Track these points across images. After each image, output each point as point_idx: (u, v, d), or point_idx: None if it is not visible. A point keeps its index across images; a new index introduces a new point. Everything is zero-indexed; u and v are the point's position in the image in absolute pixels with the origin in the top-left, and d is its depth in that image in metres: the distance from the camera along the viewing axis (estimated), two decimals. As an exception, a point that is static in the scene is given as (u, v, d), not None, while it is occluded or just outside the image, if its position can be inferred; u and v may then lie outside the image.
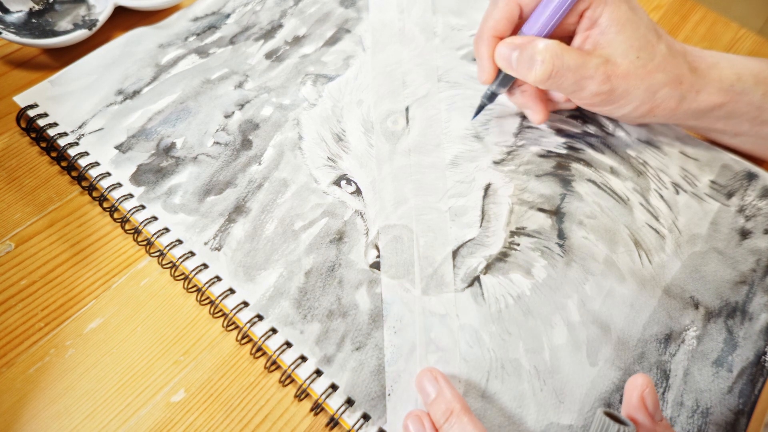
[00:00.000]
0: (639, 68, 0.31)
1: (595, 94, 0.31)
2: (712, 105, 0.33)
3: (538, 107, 0.34)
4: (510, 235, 0.32)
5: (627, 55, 0.30)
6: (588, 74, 0.30)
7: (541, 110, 0.34)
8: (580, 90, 0.31)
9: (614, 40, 0.30)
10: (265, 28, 0.40)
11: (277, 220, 0.32)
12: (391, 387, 0.27)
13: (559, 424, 0.27)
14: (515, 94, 0.34)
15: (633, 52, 0.31)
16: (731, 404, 0.28)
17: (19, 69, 0.37)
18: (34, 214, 0.32)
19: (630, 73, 0.31)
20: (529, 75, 0.30)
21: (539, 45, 0.30)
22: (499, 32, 0.32)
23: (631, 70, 0.31)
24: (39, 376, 0.27)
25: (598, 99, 0.31)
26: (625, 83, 0.31)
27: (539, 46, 0.30)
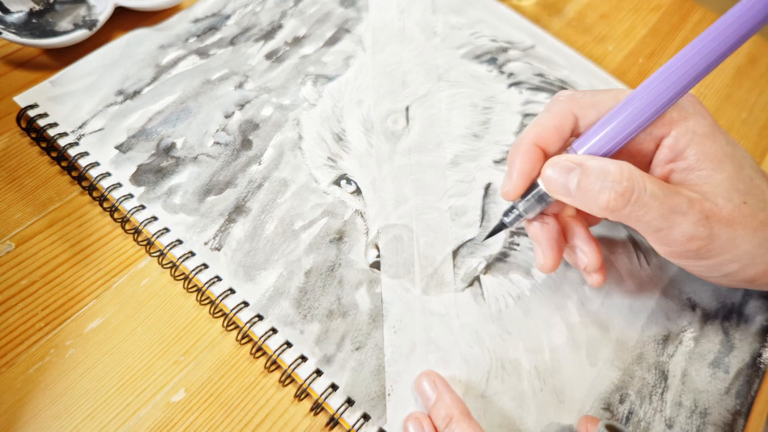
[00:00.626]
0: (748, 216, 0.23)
1: (690, 238, 0.23)
2: None
3: (551, 251, 0.26)
4: (510, 235, 0.32)
5: (731, 198, 0.23)
6: (679, 208, 0.23)
7: (552, 255, 0.26)
8: (669, 228, 0.23)
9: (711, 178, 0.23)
10: (265, 29, 0.40)
11: (277, 220, 0.32)
12: (391, 387, 0.27)
13: (560, 424, 0.27)
14: (534, 223, 0.27)
15: (738, 196, 0.23)
16: (729, 405, 0.28)
17: (19, 69, 0.37)
18: (34, 214, 0.32)
19: (735, 219, 0.23)
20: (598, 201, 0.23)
21: (610, 165, 0.23)
22: (544, 142, 0.25)
23: (737, 217, 0.23)
24: (39, 376, 0.27)
25: (693, 246, 0.23)
26: (730, 231, 0.23)
27: (610, 167, 0.23)
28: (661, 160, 0.24)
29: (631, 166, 0.23)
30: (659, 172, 0.25)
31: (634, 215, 0.23)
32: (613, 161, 0.23)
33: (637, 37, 0.45)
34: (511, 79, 0.39)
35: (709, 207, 0.23)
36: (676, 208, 0.23)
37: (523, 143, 0.26)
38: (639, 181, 0.22)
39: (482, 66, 0.39)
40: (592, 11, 0.46)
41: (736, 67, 0.43)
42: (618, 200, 0.22)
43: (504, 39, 0.41)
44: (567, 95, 0.26)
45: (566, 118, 0.25)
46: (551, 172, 0.24)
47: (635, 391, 0.28)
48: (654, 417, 0.27)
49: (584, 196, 0.23)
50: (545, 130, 0.25)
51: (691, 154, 0.24)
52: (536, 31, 0.42)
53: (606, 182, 0.22)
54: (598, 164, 0.23)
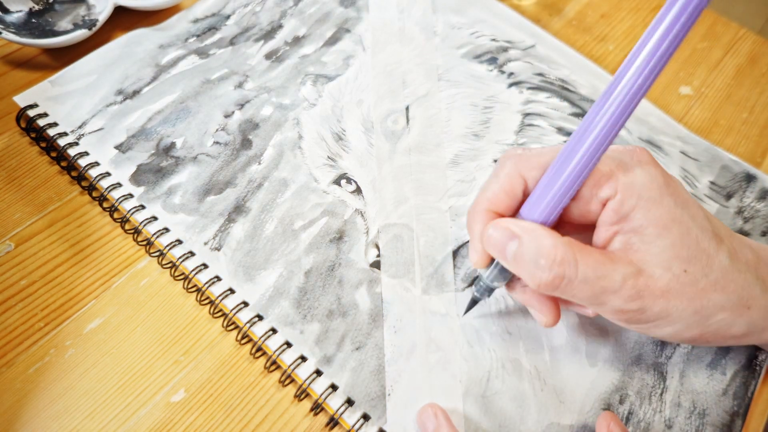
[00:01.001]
0: (686, 285, 0.23)
1: (619, 311, 0.23)
2: None
3: (546, 307, 0.26)
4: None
5: (670, 268, 0.23)
6: (611, 287, 0.23)
7: (549, 311, 0.26)
8: (600, 305, 0.23)
9: (653, 245, 0.23)
10: (264, 29, 0.40)
11: (277, 220, 0.32)
12: (391, 387, 0.27)
13: (560, 424, 0.27)
14: (515, 289, 0.27)
15: (679, 264, 0.23)
16: (726, 406, 0.28)
17: (19, 69, 0.37)
18: (33, 214, 0.32)
19: (671, 290, 0.23)
20: (530, 280, 0.23)
21: (545, 242, 0.22)
22: (496, 207, 0.25)
23: (674, 287, 0.23)
24: (39, 376, 0.27)
25: (624, 317, 0.24)
26: (663, 303, 0.23)
27: (544, 245, 0.22)
28: (606, 221, 0.24)
29: (566, 246, 0.22)
30: (604, 233, 0.24)
31: (565, 295, 0.23)
32: (550, 239, 0.23)
33: (637, 36, 0.45)
34: (511, 79, 0.39)
35: (643, 282, 0.23)
36: (607, 289, 0.23)
37: (478, 211, 0.25)
38: (570, 267, 0.22)
39: (482, 66, 0.39)
40: (593, 11, 0.46)
41: (737, 66, 0.43)
42: (548, 284, 0.23)
43: (504, 38, 0.41)
44: (513, 157, 0.25)
45: (515, 181, 0.25)
46: (492, 233, 0.24)
47: (635, 392, 0.28)
48: (654, 417, 0.27)
49: (519, 269, 0.23)
50: (496, 195, 0.25)
51: (636, 217, 0.23)
52: (536, 31, 0.42)
53: (539, 263, 0.22)
54: (535, 241, 0.23)
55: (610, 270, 0.23)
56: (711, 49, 0.44)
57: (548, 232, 0.23)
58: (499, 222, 0.24)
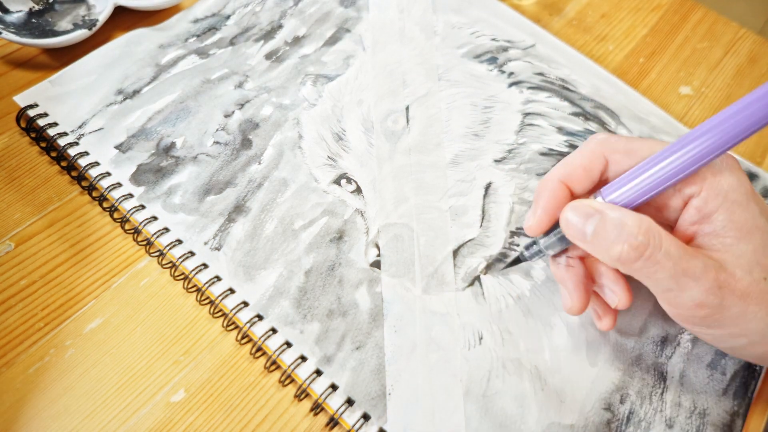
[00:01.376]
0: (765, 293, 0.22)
1: (698, 304, 0.22)
2: None
3: (577, 294, 0.26)
4: (510, 236, 0.32)
5: (751, 272, 0.22)
6: (692, 272, 0.22)
7: (579, 299, 0.26)
8: (678, 290, 0.22)
9: (734, 248, 0.22)
10: (264, 29, 0.40)
11: (277, 220, 0.32)
12: (392, 386, 0.27)
13: (561, 424, 0.27)
14: (559, 264, 0.27)
15: (759, 271, 0.22)
16: (727, 406, 0.28)
17: (19, 69, 0.37)
18: (33, 214, 0.32)
19: (751, 294, 0.22)
20: (611, 251, 0.22)
21: (628, 217, 0.22)
22: (571, 181, 0.25)
23: (754, 291, 0.22)
24: (39, 376, 0.27)
25: (701, 313, 0.23)
26: (742, 305, 0.22)
27: (628, 218, 0.22)
28: (687, 220, 0.24)
29: (651, 221, 0.22)
30: (683, 231, 0.24)
31: (645, 271, 0.22)
32: (634, 214, 0.22)
33: (637, 36, 0.45)
34: (511, 79, 0.39)
35: (724, 277, 0.22)
36: (688, 272, 0.22)
37: (550, 180, 0.25)
38: (655, 238, 0.22)
39: (482, 65, 0.39)
40: (593, 11, 0.46)
41: (737, 66, 0.43)
42: (631, 253, 0.22)
43: (504, 38, 0.41)
44: (601, 138, 0.25)
45: (596, 160, 0.25)
46: (571, 215, 0.24)
47: (635, 392, 0.28)
48: (654, 417, 0.27)
49: (599, 244, 0.23)
50: (574, 169, 0.25)
51: (718, 219, 0.23)
52: (536, 30, 0.42)
53: (622, 234, 0.22)
54: (618, 215, 0.22)
55: (692, 255, 0.22)
56: (711, 49, 0.44)
57: (630, 210, 0.23)
58: (579, 201, 0.24)
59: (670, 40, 0.45)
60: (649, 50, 0.44)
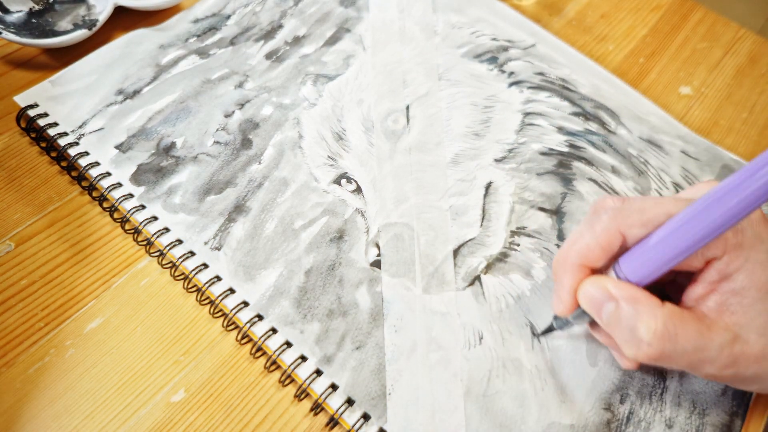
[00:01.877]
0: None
1: (713, 376, 0.24)
2: None
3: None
4: (510, 235, 0.32)
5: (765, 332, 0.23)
6: (708, 358, 0.23)
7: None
8: (693, 371, 0.24)
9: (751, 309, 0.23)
10: (265, 29, 0.40)
11: (277, 219, 0.31)
12: (392, 386, 0.27)
13: (561, 424, 0.27)
14: (600, 332, 0.27)
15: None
16: (726, 406, 0.28)
17: (19, 69, 0.37)
18: (34, 214, 0.32)
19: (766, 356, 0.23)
20: (625, 348, 0.23)
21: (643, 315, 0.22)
22: (589, 262, 0.25)
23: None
24: (39, 376, 0.27)
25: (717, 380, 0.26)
26: (756, 367, 0.23)
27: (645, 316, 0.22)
28: (707, 279, 0.24)
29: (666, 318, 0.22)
30: (701, 290, 0.24)
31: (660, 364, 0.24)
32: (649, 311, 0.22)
33: (637, 36, 0.45)
34: (511, 78, 0.39)
35: (738, 349, 0.23)
36: (704, 359, 0.23)
37: (569, 262, 0.25)
38: (670, 342, 0.22)
39: (483, 65, 0.39)
40: (593, 11, 0.46)
41: (737, 66, 0.43)
42: (645, 359, 0.23)
43: (504, 38, 0.41)
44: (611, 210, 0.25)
45: (613, 238, 0.24)
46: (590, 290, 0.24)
47: (635, 392, 0.28)
48: (654, 417, 0.27)
49: (614, 332, 0.24)
50: (590, 250, 0.25)
51: (738, 279, 0.23)
52: (537, 30, 0.42)
53: (636, 334, 0.22)
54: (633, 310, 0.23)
55: (708, 341, 0.23)
56: (711, 49, 0.44)
57: (648, 300, 0.23)
58: (597, 280, 0.24)
59: (670, 40, 0.45)
60: (649, 50, 0.44)
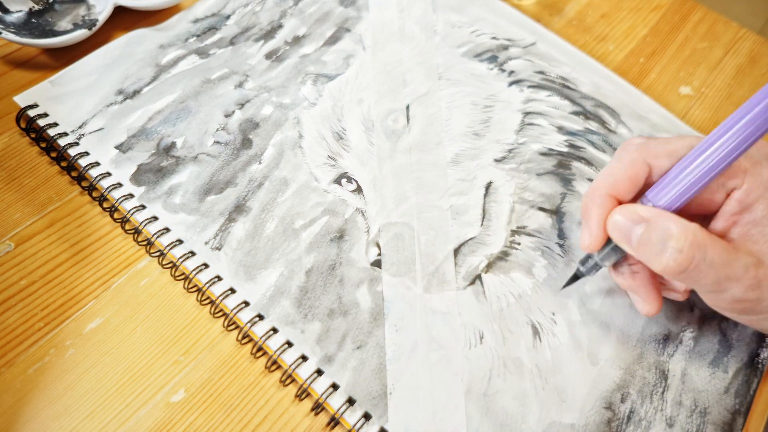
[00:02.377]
0: None
1: (738, 300, 0.24)
2: None
3: (651, 296, 0.27)
4: (511, 234, 0.32)
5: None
6: (734, 275, 0.23)
7: (654, 299, 0.27)
8: (720, 291, 0.24)
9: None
10: (265, 29, 0.40)
11: (278, 219, 0.31)
12: (393, 385, 0.27)
13: (561, 423, 0.27)
14: (623, 273, 0.27)
15: None
16: (728, 404, 0.28)
17: (19, 69, 0.37)
18: (33, 214, 0.31)
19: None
20: (656, 262, 0.23)
21: (673, 227, 0.23)
22: (618, 192, 0.25)
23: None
24: (39, 376, 0.27)
25: (740, 306, 0.25)
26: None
27: (674, 229, 0.23)
28: (728, 211, 0.25)
29: (696, 230, 0.23)
30: (723, 222, 0.25)
31: (688, 279, 0.24)
32: (679, 223, 0.23)
33: (637, 36, 0.45)
34: (511, 77, 0.39)
35: (763, 273, 0.23)
36: (731, 275, 0.23)
37: (598, 194, 0.26)
38: (700, 251, 0.23)
39: (483, 64, 0.39)
40: (593, 11, 0.46)
41: (737, 66, 0.43)
42: (676, 267, 0.23)
43: (504, 37, 0.41)
44: (638, 144, 0.26)
45: (640, 169, 0.25)
46: (618, 217, 0.25)
47: (636, 390, 0.28)
48: (655, 416, 0.27)
49: (644, 252, 0.24)
50: (618, 180, 0.25)
51: (759, 208, 0.24)
52: (537, 29, 0.42)
53: (667, 246, 0.23)
54: (664, 225, 0.23)
55: (734, 258, 0.23)
56: (711, 49, 0.44)
57: (676, 217, 0.23)
58: (626, 207, 0.25)
59: (671, 40, 0.45)
60: (649, 50, 0.44)
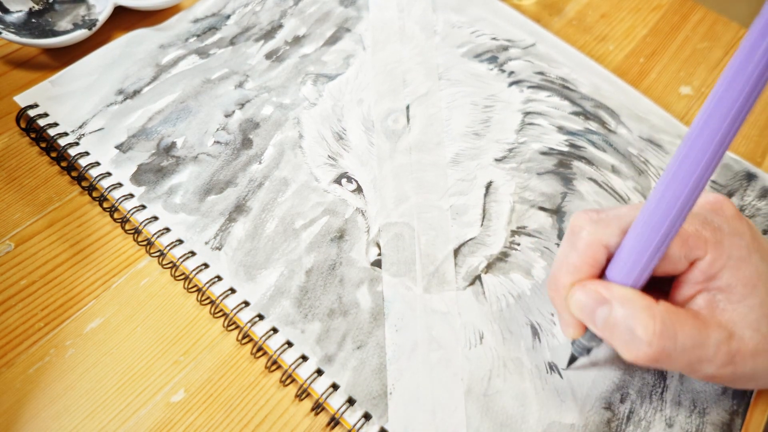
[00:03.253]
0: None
1: (712, 376, 0.24)
2: None
3: None
4: (511, 235, 0.32)
5: (759, 328, 0.23)
6: (706, 356, 0.22)
7: None
8: (692, 372, 0.23)
9: (741, 305, 0.23)
10: (265, 29, 0.40)
11: (278, 219, 0.31)
12: (393, 385, 0.27)
13: (561, 423, 0.27)
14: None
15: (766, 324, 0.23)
16: (726, 405, 0.28)
17: (19, 69, 0.37)
18: (33, 214, 0.31)
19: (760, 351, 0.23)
20: (625, 352, 0.22)
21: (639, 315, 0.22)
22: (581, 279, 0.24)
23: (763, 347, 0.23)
24: (39, 376, 0.27)
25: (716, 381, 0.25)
26: (752, 363, 0.23)
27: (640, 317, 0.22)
28: (692, 279, 0.24)
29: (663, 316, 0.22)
30: (688, 290, 0.24)
31: (661, 366, 0.23)
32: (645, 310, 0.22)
33: (637, 36, 0.45)
34: (511, 78, 0.39)
35: (735, 346, 0.23)
36: (702, 357, 0.22)
37: (560, 285, 0.25)
38: (670, 340, 0.22)
39: (483, 64, 0.39)
40: (593, 11, 0.46)
41: (737, 66, 0.43)
42: (646, 360, 0.22)
43: (504, 37, 0.41)
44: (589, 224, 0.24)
45: (597, 252, 0.24)
46: (581, 298, 0.23)
47: (636, 391, 0.28)
48: (654, 416, 0.27)
49: (611, 337, 0.23)
50: (579, 269, 0.24)
51: (724, 277, 0.23)
52: (537, 29, 0.42)
53: (634, 336, 0.22)
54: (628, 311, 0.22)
55: (705, 336, 0.22)
56: (711, 49, 0.44)
57: (642, 299, 0.22)
58: (587, 285, 0.23)
59: (670, 41, 0.45)
60: (649, 50, 0.44)
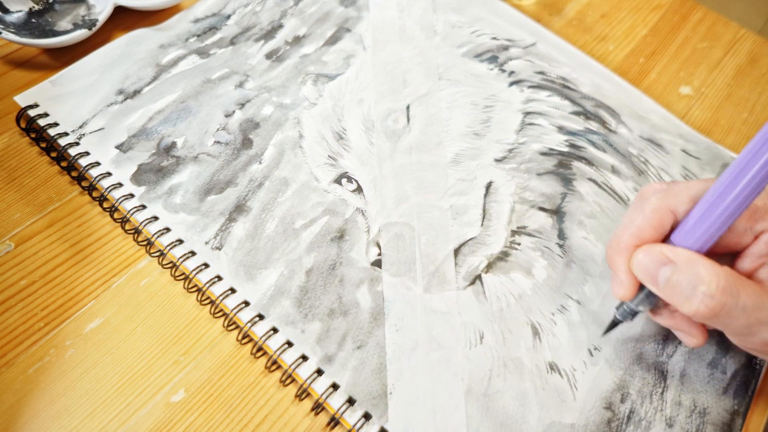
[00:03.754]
0: None
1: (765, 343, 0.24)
2: None
3: (695, 329, 0.26)
4: (511, 235, 0.32)
5: None
6: (765, 318, 0.23)
7: (699, 332, 0.26)
8: (749, 335, 0.24)
9: None
10: (265, 29, 0.40)
11: (278, 219, 0.31)
12: (393, 385, 0.27)
13: (561, 423, 0.27)
14: (662, 315, 0.27)
15: None
16: (727, 405, 0.28)
17: (19, 69, 0.37)
18: (33, 214, 0.31)
19: None
20: (686, 305, 0.23)
21: (703, 271, 0.22)
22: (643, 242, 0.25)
23: None
24: (39, 376, 0.27)
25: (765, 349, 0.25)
26: None
27: (704, 273, 0.22)
28: (756, 252, 0.24)
29: (727, 275, 0.22)
30: (750, 262, 0.25)
31: (719, 323, 0.23)
32: (710, 267, 0.23)
33: (637, 36, 0.45)
34: (512, 78, 0.39)
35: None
36: (762, 319, 0.23)
37: (623, 245, 0.25)
38: (732, 296, 0.22)
39: (483, 64, 0.39)
40: (593, 11, 0.46)
41: (737, 66, 0.43)
42: (707, 312, 0.22)
43: (504, 37, 0.41)
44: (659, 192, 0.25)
45: (664, 216, 0.24)
46: (644, 258, 0.24)
47: (636, 391, 0.28)
48: (655, 416, 0.27)
49: (672, 295, 0.23)
50: (643, 231, 0.25)
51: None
52: (537, 29, 0.42)
53: (697, 291, 0.22)
54: (693, 268, 0.23)
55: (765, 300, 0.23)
56: (711, 49, 0.44)
57: (705, 260, 0.23)
58: (651, 247, 0.24)
59: (671, 40, 0.45)
60: (649, 50, 0.44)
